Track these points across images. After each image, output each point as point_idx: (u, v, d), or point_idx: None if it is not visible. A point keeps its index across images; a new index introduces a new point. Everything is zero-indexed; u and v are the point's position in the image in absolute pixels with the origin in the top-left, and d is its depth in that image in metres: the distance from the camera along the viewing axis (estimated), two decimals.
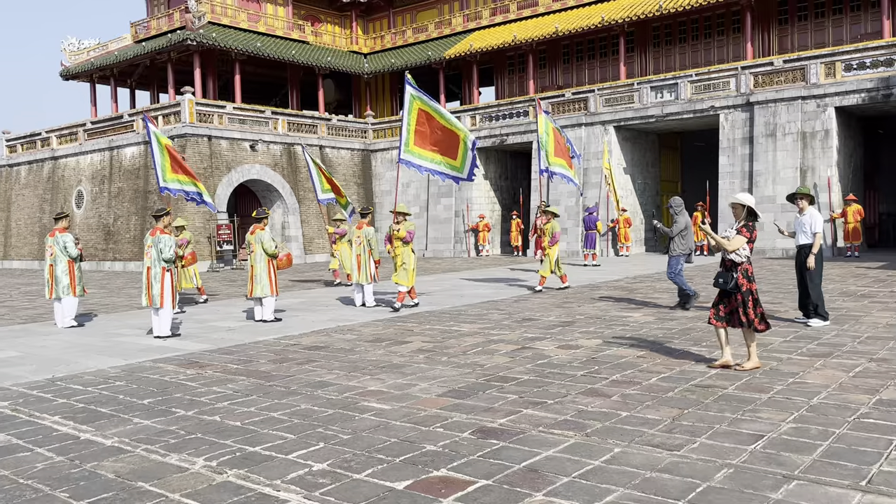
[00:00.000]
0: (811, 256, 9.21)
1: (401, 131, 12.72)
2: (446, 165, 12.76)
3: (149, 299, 10.28)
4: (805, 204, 9.40)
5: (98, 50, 35.58)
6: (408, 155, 12.67)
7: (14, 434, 5.52)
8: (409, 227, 12.45)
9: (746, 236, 6.77)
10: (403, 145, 12.65)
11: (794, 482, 4.01)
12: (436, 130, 12.66)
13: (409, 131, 12.63)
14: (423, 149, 12.73)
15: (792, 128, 22.58)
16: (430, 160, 12.77)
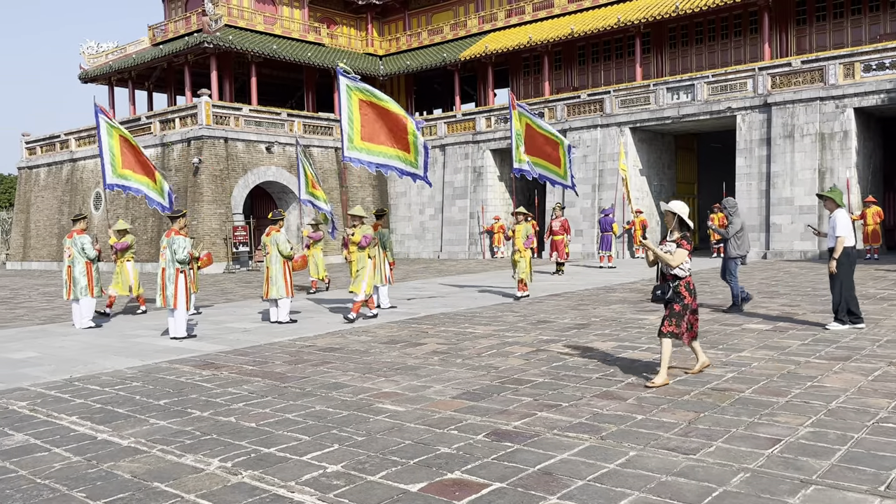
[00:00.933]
0: (832, 260, 9.04)
1: (341, 127, 11.60)
2: (400, 160, 11.79)
3: (163, 300, 10.36)
4: (832, 205, 9.22)
5: (116, 53, 35.92)
6: (353, 151, 11.59)
7: (32, 434, 5.58)
8: (364, 230, 11.67)
9: (688, 249, 6.51)
10: (347, 141, 11.55)
11: (812, 487, 3.96)
12: (382, 120, 11.62)
13: (353, 126, 11.55)
14: (371, 143, 11.66)
15: (810, 129, 22.38)
16: (381, 155, 11.73)
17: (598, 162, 26.99)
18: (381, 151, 11.72)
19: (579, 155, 27.48)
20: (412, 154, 11.74)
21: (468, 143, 31.02)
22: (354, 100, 11.60)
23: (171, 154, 28.22)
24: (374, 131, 11.62)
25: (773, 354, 7.63)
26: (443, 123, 32.33)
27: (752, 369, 6.95)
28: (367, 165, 11.77)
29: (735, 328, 9.45)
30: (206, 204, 26.78)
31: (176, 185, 27.69)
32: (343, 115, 11.57)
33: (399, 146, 11.70)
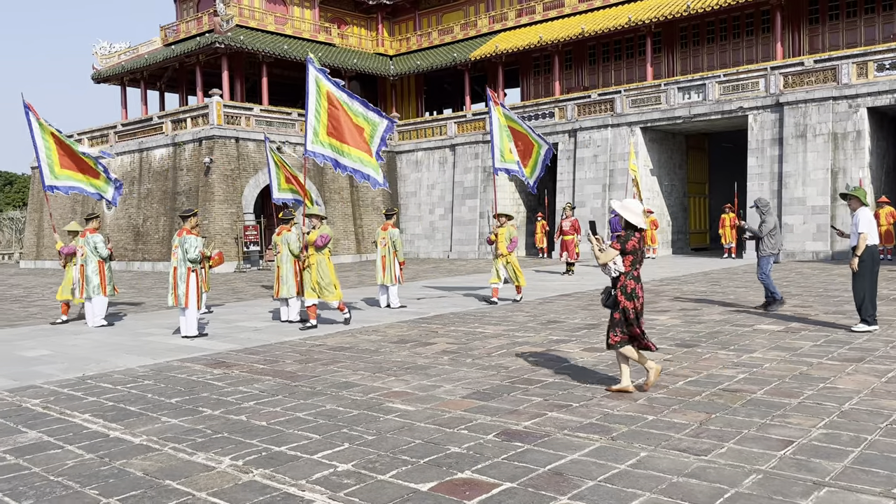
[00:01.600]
0: (854, 258, 8.96)
1: (305, 119, 11.18)
2: (361, 162, 11.25)
3: (175, 299, 10.41)
4: (857, 204, 9.16)
5: (129, 53, 36.12)
6: (317, 146, 11.14)
7: (45, 431, 5.61)
8: (323, 230, 11.02)
9: (617, 248, 6.07)
10: (312, 135, 11.10)
11: (825, 489, 3.94)
12: (345, 120, 11.18)
13: (319, 119, 11.11)
14: (335, 140, 11.21)
15: (823, 129, 22.23)
16: (344, 155, 11.21)
17: (609, 162, 26.92)
18: (345, 151, 11.16)
19: (590, 154, 27.42)
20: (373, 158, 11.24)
21: (478, 143, 31.01)
22: (323, 93, 11.11)
23: (182, 154, 28.35)
24: (339, 129, 11.12)
25: (785, 355, 7.59)
26: (453, 123, 32.33)
27: (763, 370, 6.91)
28: (330, 162, 11.16)
29: (747, 329, 9.40)
30: (218, 203, 26.88)
31: (187, 184, 27.83)
32: (309, 108, 11.11)
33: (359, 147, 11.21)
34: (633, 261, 6.07)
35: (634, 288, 6.10)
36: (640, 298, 6.14)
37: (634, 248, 6.07)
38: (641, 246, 6.15)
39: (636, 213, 6.07)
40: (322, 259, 10.92)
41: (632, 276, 6.09)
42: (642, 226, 6.09)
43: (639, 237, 6.11)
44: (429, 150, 33.00)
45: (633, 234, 6.06)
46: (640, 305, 6.14)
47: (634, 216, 6.06)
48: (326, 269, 10.92)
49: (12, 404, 6.57)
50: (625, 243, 6.04)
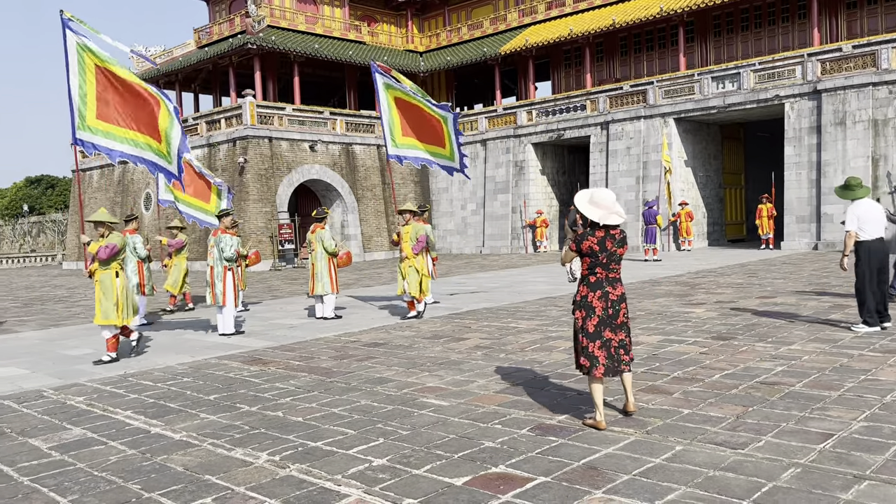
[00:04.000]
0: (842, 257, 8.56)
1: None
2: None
3: (212, 298, 10.57)
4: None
5: (164, 56, 36.74)
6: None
7: (89, 428, 5.76)
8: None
9: (573, 249, 5.17)
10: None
11: (866, 482, 3.87)
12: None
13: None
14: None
15: (862, 115, 21.73)
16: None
17: (642, 153, 26.65)
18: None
19: (623, 147, 27.16)
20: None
21: (509, 138, 30.92)
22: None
23: (217, 154, 28.76)
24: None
25: (824, 347, 7.45)
26: (483, 118, 32.28)
27: (802, 362, 6.80)
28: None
29: (785, 321, 9.26)
30: (252, 203, 27.23)
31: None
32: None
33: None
34: (591, 265, 5.07)
35: (587, 296, 5.08)
36: (598, 310, 5.06)
37: (591, 250, 5.04)
38: (610, 247, 5.05)
39: (601, 206, 5.06)
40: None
41: (587, 283, 5.09)
42: (607, 221, 5.01)
43: (600, 237, 5.03)
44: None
45: (591, 233, 5.05)
46: (595, 319, 5.06)
47: (594, 210, 5.06)
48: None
49: (57, 402, 6.75)
50: (580, 243, 5.08)
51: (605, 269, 5.08)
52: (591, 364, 5.05)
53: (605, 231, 5.06)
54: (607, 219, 5.02)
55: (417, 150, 11.76)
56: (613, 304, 5.09)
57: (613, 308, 5.09)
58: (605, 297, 5.07)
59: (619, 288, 5.15)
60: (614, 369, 5.09)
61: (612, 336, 5.09)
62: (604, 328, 5.07)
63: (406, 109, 11.63)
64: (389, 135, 11.55)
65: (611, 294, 5.09)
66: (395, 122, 11.60)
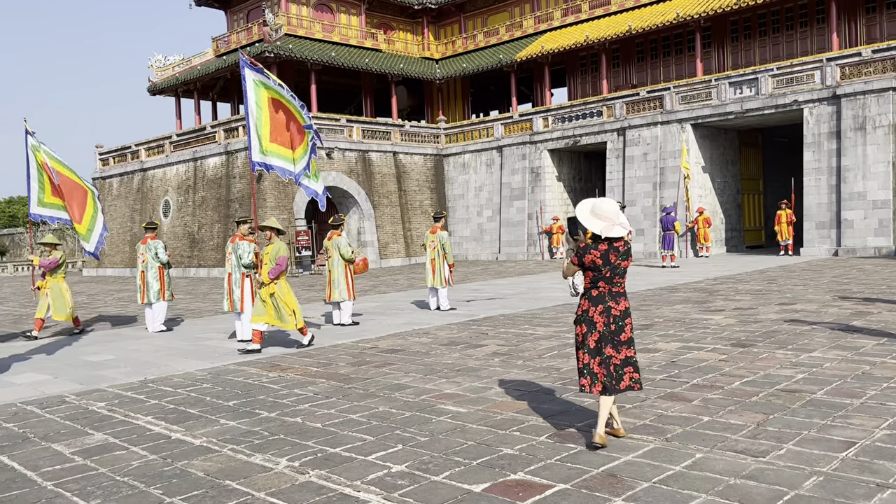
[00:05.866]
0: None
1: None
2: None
3: (230, 304, 10.65)
4: None
5: (182, 65, 37.10)
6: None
7: (111, 433, 5.82)
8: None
9: (575, 263, 4.94)
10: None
11: (889, 491, 3.83)
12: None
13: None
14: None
15: (883, 120, 21.52)
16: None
17: (659, 160, 26.54)
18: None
19: (639, 153, 27.06)
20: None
21: (525, 144, 30.91)
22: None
23: (235, 162, 28.97)
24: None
25: (846, 355, 7.38)
26: (499, 125, 32.30)
27: (823, 370, 6.74)
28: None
29: (805, 328, 9.17)
30: (270, 210, 27.39)
31: (240, 191, 28.40)
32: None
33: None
34: (593, 278, 4.86)
35: (588, 310, 4.88)
36: (599, 326, 4.83)
37: (594, 264, 4.81)
38: (614, 260, 4.81)
39: (604, 217, 4.81)
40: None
41: (589, 297, 4.89)
42: (610, 233, 4.79)
43: (603, 250, 4.80)
44: (476, 153, 33.02)
45: (594, 246, 4.84)
46: (595, 335, 4.84)
47: (596, 222, 4.82)
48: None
49: (79, 407, 6.83)
50: (582, 257, 4.86)
51: (609, 283, 4.84)
52: (590, 381, 4.85)
53: (608, 244, 4.82)
54: (610, 231, 4.79)
55: (286, 161, 10.19)
56: (616, 319, 4.83)
57: (616, 324, 4.83)
58: (608, 313, 4.83)
59: (622, 302, 4.88)
60: (613, 388, 4.80)
61: (614, 353, 4.82)
62: (605, 344, 4.82)
63: (277, 111, 10.10)
64: (256, 138, 9.97)
65: (613, 309, 4.84)
66: (263, 125, 10.02)
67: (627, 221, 4.85)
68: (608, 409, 4.87)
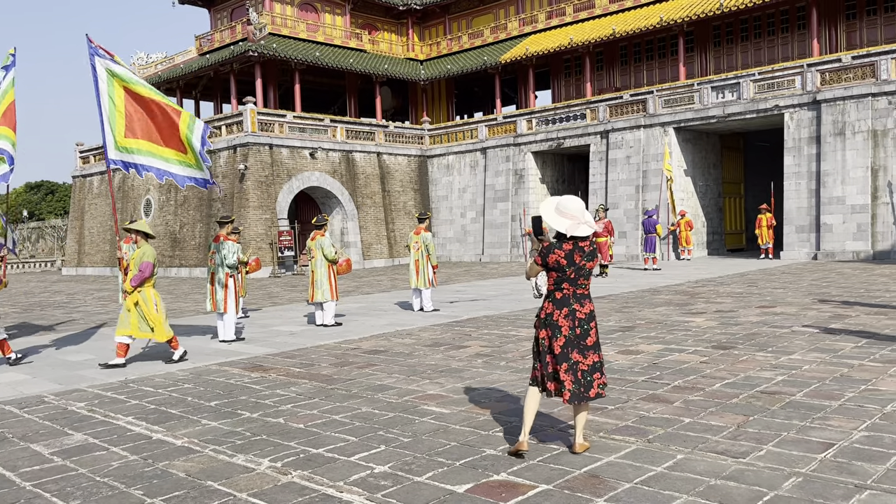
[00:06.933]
0: None
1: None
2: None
3: (213, 304, 10.58)
4: None
5: (165, 63, 36.84)
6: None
7: (91, 434, 5.76)
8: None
9: (538, 263, 4.68)
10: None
11: (867, 492, 3.88)
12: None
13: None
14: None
15: (862, 126, 21.80)
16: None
17: (642, 163, 26.71)
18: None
19: (622, 156, 27.21)
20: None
21: (509, 146, 30.99)
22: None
23: (217, 161, 28.80)
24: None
25: (825, 357, 7.47)
26: (483, 126, 32.37)
27: (803, 372, 6.82)
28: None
29: (785, 330, 9.27)
30: (252, 209, 27.26)
31: (223, 191, 28.25)
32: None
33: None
34: (557, 279, 4.63)
35: (552, 314, 4.64)
36: (564, 330, 4.61)
37: (558, 264, 4.58)
38: (578, 260, 4.59)
39: (569, 216, 4.60)
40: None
41: (553, 299, 4.67)
42: (576, 232, 4.56)
43: (568, 249, 4.58)
44: (460, 154, 33.07)
45: (559, 245, 4.60)
46: (561, 340, 4.61)
47: (561, 220, 4.60)
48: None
49: (59, 407, 6.76)
50: (546, 256, 4.63)
51: (573, 284, 4.62)
52: (557, 388, 4.64)
53: (573, 243, 4.59)
54: (576, 230, 4.56)
55: (150, 157, 9.25)
56: (581, 322, 4.62)
57: (581, 327, 4.62)
58: (573, 316, 4.61)
59: (587, 305, 4.67)
60: (581, 395, 4.59)
61: (581, 358, 4.61)
62: (571, 349, 4.60)
63: (135, 103, 9.18)
64: (111, 134, 9.12)
65: (578, 312, 4.62)
66: (117, 119, 9.14)
67: (593, 220, 4.67)
68: (534, 412, 4.74)
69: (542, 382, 4.73)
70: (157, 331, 8.81)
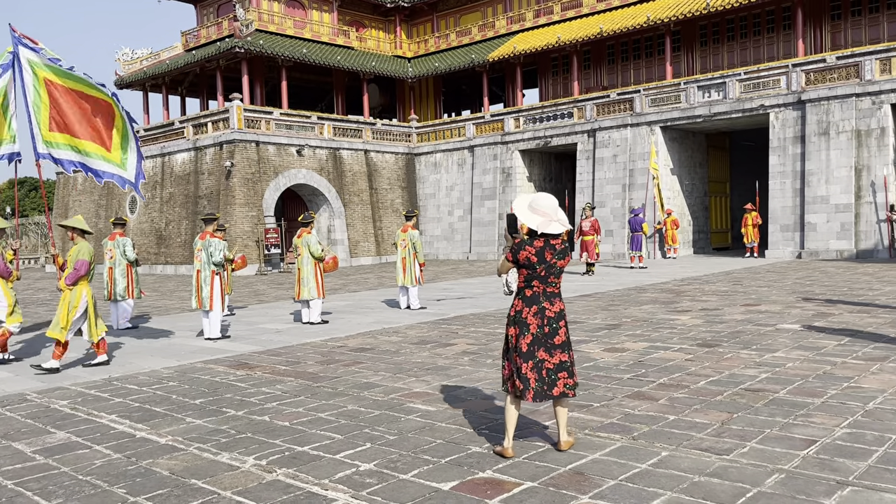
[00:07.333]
0: None
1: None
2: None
3: (199, 302, 10.53)
4: None
5: (150, 59, 36.55)
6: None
7: (73, 432, 5.72)
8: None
9: (509, 259, 4.68)
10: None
11: (849, 488, 3.92)
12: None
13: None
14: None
15: (846, 126, 21.98)
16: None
17: (629, 161, 26.81)
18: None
19: (609, 154, 27.29)
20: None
21: (497, 144, 31.01)
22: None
23: (203, 158, 28.64)
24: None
25: (808, 355, 7.53)
26: (471, 124, 32.37)
27: (786, 370, 6.87)
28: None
29: (769, 328, 9.34)
30: (239, 207, 27.13)
31: (209, 188, 28.08)
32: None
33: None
34: (527, 277, 4.59)
35: (521, 311, 4.61)
36: (532, 328, 4.57)
37: (529, 261, 4.55)
38: (549, 258, 4.55)
39: (542, 213, 4.56)
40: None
41: (523, 297, 4.63)
42: (547, 229, 4.52)
43: (539, 246, 4.54)
44: (447, 152, 33.06)
45: (529, 242, 4.57)
46: (528, 338, 4.56)
47: (533, 217, 4.56)
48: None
49: (41, 405, 6.70)
50: (516, 253, 4.59)
51: (543, 282, 4.57)
52: (522, 387, 4.55)
53: (544, 240, 4.55)
54: (547, 227, 4.51)
55: (70, 152, 8.84)
56: (550, 321, 4.57)
57: (550, 326, 4.57)
58: (542, 314, 4.56)
59: (557, 304, 4.62)
60: (544, 393, 4.55)
61: (547, 357, 4.56)
62: (538, 348, 4.56)
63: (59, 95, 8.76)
64: (37, 127, 8.72)
65: (547, 310, 4.58)
66: (42, 111, 8.72)
67: (566, 218, 4.61)
68: (515, 419, 4.69)
69: (510, 380, 4.70)
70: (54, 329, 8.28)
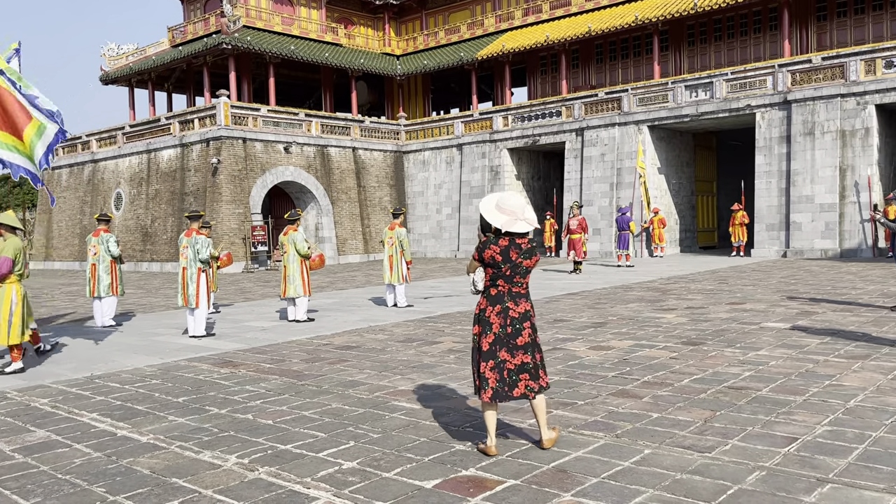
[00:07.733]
0: None
1: None
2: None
3: (184, 299, 10.46)
4: None
5: (136, 55, 36.29)
6: None
7: (53, 430, 5.66)
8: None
9: (476, 258, 4.61)
10: None
11: (829, 485, 3.94)
12: None
13: None
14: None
15: (831, 126, 22.14)
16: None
17: (616, 160, 26.88)
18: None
19: (597, 153, 27.35)
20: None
21: (485, 143, 31.02)
22: None
23: (190, 154, 28.47)
24: None
25: (791, 353, 7.57)
26: (460, 123, 32.36)
27: (769, 368, 6.91)
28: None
29: (754, 327, 9.39)
30: (225, 204, 26.99)
31: (195, 185, 27.92)
32: None
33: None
34: (493, 276, 4.55)
35: (485, 310, 4.57)
36: (494, 327, 4.53)
37: (493, 260, 4.50)
38: (514, 258, 4.50)
39: (507, 211, 4.51)
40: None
41: (487, 295, 4.60)
42: (512, 228, 4.48)
43: (504, 245, 4.49)
44: (436, 150, 33.04)
45: (495, 241, 4.51)
46: (490, 337, 4.54)
47: (499, 216, 4.51)
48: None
49: (21, 403, 6.63)
50: (482, 251, 4.53)
51: (508, 281, 4.52)
52: (480, 385, 4.57)
53: (509, 239, 4.50)
54: (512, 225, 4.47)
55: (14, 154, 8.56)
56: (514, 321, 4.52)
57: (513, 326, 4.51)
58: (505, 314, 4.52)
59: (522, 304, 4.57)
60: (504, 394, 4.53)
61: (509, 357, 4.52)
62: (499, 347, 4.52)
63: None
64: None
65: (511, 311, 4.52)
66: None
67: (535, 218, 4.57)
68: (494, 419, 4.67)
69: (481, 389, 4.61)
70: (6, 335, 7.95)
